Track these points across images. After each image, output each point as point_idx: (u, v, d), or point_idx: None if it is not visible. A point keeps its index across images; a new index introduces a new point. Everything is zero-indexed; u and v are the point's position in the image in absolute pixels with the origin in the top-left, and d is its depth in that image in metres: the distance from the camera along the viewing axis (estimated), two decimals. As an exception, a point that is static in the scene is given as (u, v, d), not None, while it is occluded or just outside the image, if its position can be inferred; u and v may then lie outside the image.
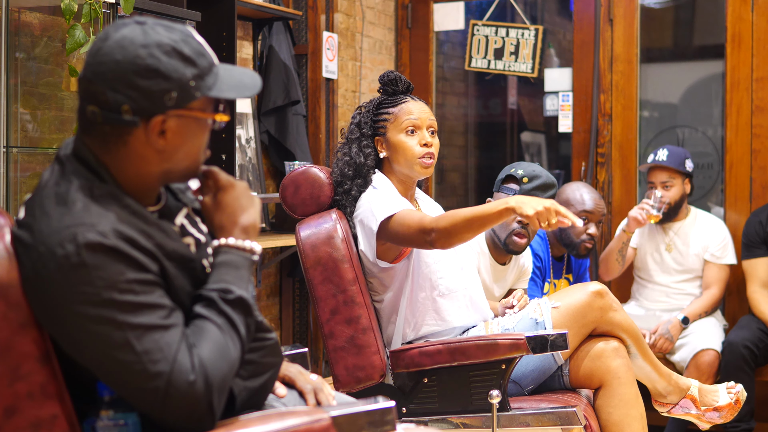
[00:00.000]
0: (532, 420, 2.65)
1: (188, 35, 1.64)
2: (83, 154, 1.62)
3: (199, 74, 1.61)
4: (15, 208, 2.86)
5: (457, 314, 2.84)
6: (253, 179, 4.46)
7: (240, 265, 1.68)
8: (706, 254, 4.34)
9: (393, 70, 2.94)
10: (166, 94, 1.58)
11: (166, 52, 1.58)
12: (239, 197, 1.74)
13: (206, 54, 1.65)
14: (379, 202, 2.73)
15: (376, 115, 2.88)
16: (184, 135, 1.62)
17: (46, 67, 3.11)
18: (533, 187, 3.26)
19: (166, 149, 1.62)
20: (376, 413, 1.63)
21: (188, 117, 1.62)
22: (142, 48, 1.57)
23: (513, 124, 6.79)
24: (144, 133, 1.59)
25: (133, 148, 1.60)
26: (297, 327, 4.73)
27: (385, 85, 2.90)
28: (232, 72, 1.68)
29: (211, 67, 1.65)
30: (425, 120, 2.84)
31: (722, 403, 2.96)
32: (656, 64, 5.85)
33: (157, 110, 1.58)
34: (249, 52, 4.53)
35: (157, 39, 1.59)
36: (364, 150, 2.84)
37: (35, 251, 1.53)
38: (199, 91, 1.61)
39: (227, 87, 1.64)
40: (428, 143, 2.82)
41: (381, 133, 2.86)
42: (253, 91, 1.68)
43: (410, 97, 2.89)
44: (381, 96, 2.92)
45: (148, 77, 1.57)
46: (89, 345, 1.51)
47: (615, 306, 2.82)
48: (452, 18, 5.34)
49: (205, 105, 1.64)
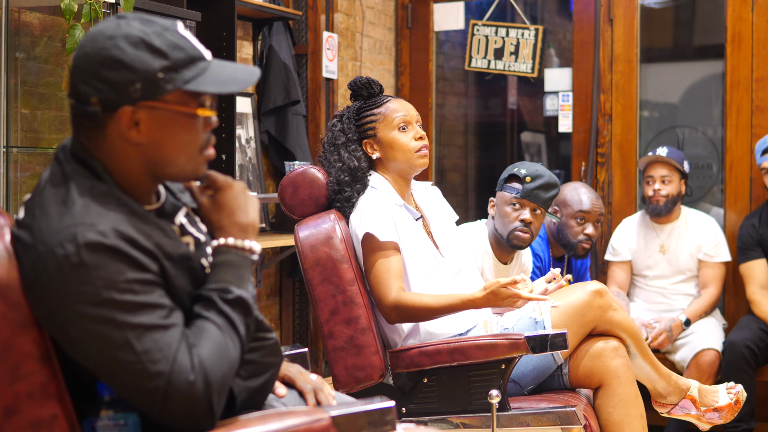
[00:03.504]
0: (532, 420, 2.65)
1: (167, 29, 1.62)
2: (79, 152, 1.62)
3: (170, 67, 1.59)
4: (15, 208, 2.86)
5: (456, 316, 2.83)
6: (253, 179, 4.46)
7: (239, 265, 1.68)
8: (700, 254, 4.35)
9: (361, 75, 2.97)
10: (130, 86, 1.57)
11: (132, 44, 1.57)
12: (237, 197, 1.73)
13: (186, 48, 1.62)
14: (373, 217, 2.74)
15: (358, 119, 2.90)
16: (161, 129, 1.60)
17: (46, 67, 3.11)
18: (536, 186, 3.26)
19: (144, 143, 1.60)
20: (376, 413, 1.63)
21: (162, 110, 1.60)
22: (109, 40, 1.58)
23: (513, 124, 6.79)
24: (117, 125, 1.59)
25: (111, 141, 1.60)
26: (297, 327, 4.73)
27: (360, 90, 2.92)
28: (226, 67, 1.66)
29: (191, 60, 1.61)
30: (413, 115, 2.89)
31: (722, 403, 2.96)
32: (656, 64, 5.85)
33: (122, 101, 1.57)
34: (249, 52, 4.53)
35: (126, 31, 1.58)
36: (354, 153, 2.85)
37: (35, 251, 1.53)
38: (171, 84, 1.59)
39: (211, 82, 1.62)
40: (422, 136, 2.86)
41: (369, 135, 2.87)
42: (243, 85, 1.65)
43: (390, 96, 2.93)
44: (357, 102, 2.94)
45: (113, 68, 1.56)
46: (89, 345, 1.51)
47: (614, 305, 2.82)
48: (452, 18, 5.34)
49: (186, 99, 1.62)
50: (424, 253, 2.81)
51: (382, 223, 2.73)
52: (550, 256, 4.03)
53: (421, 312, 2.68)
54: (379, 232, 2.71)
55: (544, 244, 3.99)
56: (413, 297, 2.68)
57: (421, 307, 2.66)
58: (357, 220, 2.77)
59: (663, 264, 4.40)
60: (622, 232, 4.52)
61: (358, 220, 2.76)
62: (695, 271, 4.38)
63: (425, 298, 2.67)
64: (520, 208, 3.29)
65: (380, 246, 2.72)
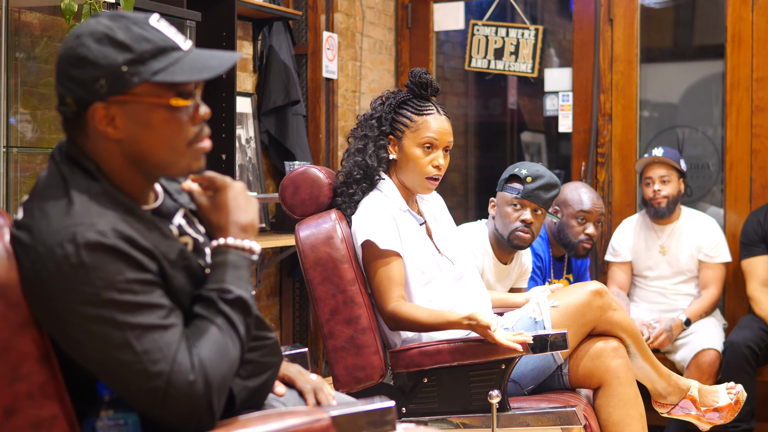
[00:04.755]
0: (532, 420, 2.65)
1: (136, 22, 1.60)
2: (73, 152, 1.61)
3: (134, 59, 1.56)
4: (15, 208, 2.86)
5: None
6: (253, 179, 4.46)
7: (239, 265, 1.68)
8: (700, 254, 4.35)
9: (427, 71, 2.83)
10: (96, 82, 1.56)
11: (97, 40, 1.57)
12: (237, 197, 1.73)
13: (154, 39, 1.59)
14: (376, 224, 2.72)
15: (397, 113, 2.82)
16: (137, 122, 1.59)
17: (46, 67, 3.11)
18: (537, 186, 3.26)
19: (123, 138, 1.59)
20: (376, 413, 1.63)
21: (133, 103, 1.58)
22: (75, 38, 1.58)
23: (513, 124, 6.79)
24: (93, 123, 1.59)
25: (94, 140, 1.60)
26: (297, 327, 4.73)
27: (414, 85, 2.82)
28: (202, 56, 1.63)
29: (160, 51, 1.58)
30: (444, 140, 2.79)
31: (722, 403, 2.96)
32: (656, 64, 5.84)
33: (92, 99, 1.57)
34: (249, 52, 4.53)
35: (92, 28, 1.58)
36: (378, 152, 2.80)
37: (34, 251, 1.53)
38: (137, 77, 1.57)
39: (183, 71, 1.59)
40: (440, 165, 2.79)
41: (398, 135, 2.81)
42: (215, 71, 1.61)
43: (436, 109, 2.82)
44: (406, 93, 2.84)
45: (79, 66, 1.57)
46: (89, 345, 1.51)
47: (614, 305, 2.81)
48: (452, 18, 5.34)
49: (158, 91, 1.59)
50: (426, 259, 2.79)
51: (384, 230, 2.71)
52: (551, 256, 4.03)
53: (414, 326, 2.69)
54: (379, 239, 2.69)
55: (545, 244, 3.99)
56: (409, 310, 2.67)
57: (414, 321, 2.67)
58: (358, 225, 2.75)
59: (663, 265, 4.40)
60: (623, 232, 4.51)
61: (360, 225, 2.74)
62: (695, 271, 4.38)
63: (419, 313, 2.66)
64: (521, 209, 3.29)
65: (381, 254, 2.70)
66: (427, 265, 2.79)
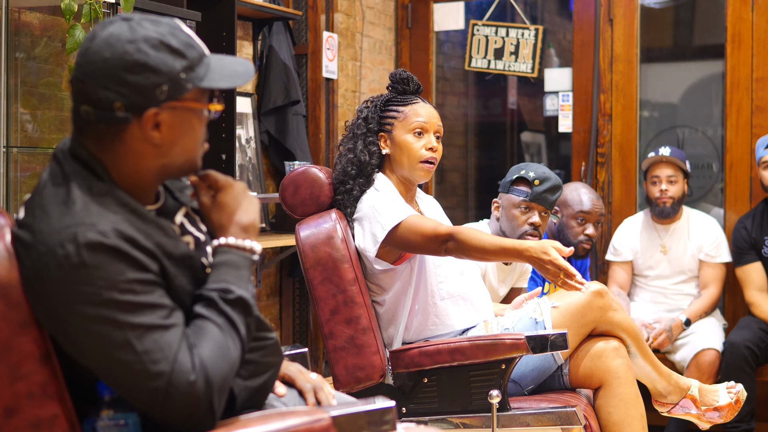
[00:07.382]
0: (532, 420, 2.65)
1: (175, 28, 1.64)
2: (79, 152, 1.62)
3: (189, 66, 1.61)
4: (15, 208, 2.86)
5: (457, 317, 2.84)
6: (253, 179, 4.46)
7: (240, 265, 1.68)
8: (701, 254, 4.35)
9: (405, 70, 2.92)
10: (157, 88, 1.58)
11: (153, 46, 1.58)
12: (238, 196, 1.74)
13: (195, 45, 1.65)
14: (384, 209, 2.72)
15: (383, 111, 2.87)
16: (179, 127, 1.63)
17: (46, 67, 3.11)
18: (544, 189, 3.26)
19: (162, 143, 1.62)
20: (376, 413, 1.63)
21: (182, 109, 1.62)
22: (129, 44, 1.58)
23: (513, 124, 6.79)
24: (139, 128, 1.59)
25: (129, 144, 1.61)
26: (297, 327, 4.73)
27: (396, 83, 2.89)
28: (224, 61, 1.68)
29: (201, 57, 1.65)
30: (433, 124, 2.84)
31: (722, 402, 2.96)
32: (656, 64, 5.85)
33: (149, 104, 1.58)
34: (249, 52, 4.53)
35: (143, 34, 1.59)
36: (369, 147, 2.83)
37: (35, 251, 1.53)
38: (191, 83, 1.61)
39: (219, 77, 1.65)
40: (433, 147, 2.82)
41: (387, 129, 2.85)
42: (245, 78, 1.68)
43: (420, 99, 2.88)
44: (390, 93, 2.91)
45: (138, 72, 1.57)
46: (90, 345, 1.51)
47: (615, 306, 2.81)
48: (452, 18, 5.34)
49: (198, 96, 1.65)
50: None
51: (394, 208, 2.71)
52: (551, 256, 4.02)
53: (474, 246, 2.61)
54: (396, 218, 2.68)
55: (545, 244, 3.99)
56: (469, 230, 2.64)
57: (475, 242, 2.61)
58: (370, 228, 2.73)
59: (664, 264, 4.40)
60: (624, 232, 4.51)
61: (371, 227, 2.72)
62: (696, 271, 4.38)
63: (481, 235, 2.63)
64: (529, 212, 3.28)
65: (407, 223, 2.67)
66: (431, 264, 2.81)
